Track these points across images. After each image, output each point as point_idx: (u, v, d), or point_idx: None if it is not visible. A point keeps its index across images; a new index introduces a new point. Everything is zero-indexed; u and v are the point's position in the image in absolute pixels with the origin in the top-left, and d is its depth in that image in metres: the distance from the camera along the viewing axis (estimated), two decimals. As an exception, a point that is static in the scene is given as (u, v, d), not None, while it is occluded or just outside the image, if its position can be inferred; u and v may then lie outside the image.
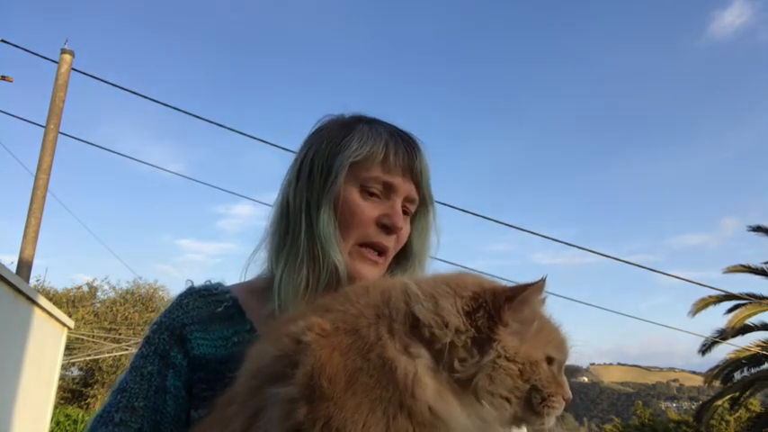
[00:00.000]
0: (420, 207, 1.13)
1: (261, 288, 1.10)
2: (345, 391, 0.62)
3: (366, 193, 1.05)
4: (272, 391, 0.66)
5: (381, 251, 1.06)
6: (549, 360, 0.75)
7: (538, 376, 0.72)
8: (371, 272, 1.05)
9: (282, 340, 0.71)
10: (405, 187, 1.06)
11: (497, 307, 0.71)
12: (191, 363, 1.01)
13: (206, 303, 1.07)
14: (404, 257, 1.13)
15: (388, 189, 1.06)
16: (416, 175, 1.08)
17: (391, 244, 1.06)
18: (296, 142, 1.17)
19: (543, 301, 0.81)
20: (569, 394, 0.75)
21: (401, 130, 1.12)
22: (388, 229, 1.04)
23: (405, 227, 1.08)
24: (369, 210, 1.04)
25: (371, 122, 1.11)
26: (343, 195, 1.04)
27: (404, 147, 1.07)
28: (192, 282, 1.12)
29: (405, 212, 1.09)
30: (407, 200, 1.08)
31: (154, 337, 1.03)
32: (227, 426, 0.73)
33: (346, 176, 1.05)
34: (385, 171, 1.05)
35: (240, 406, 0.72)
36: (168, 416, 0.98)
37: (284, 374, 0.66)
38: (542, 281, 0.74)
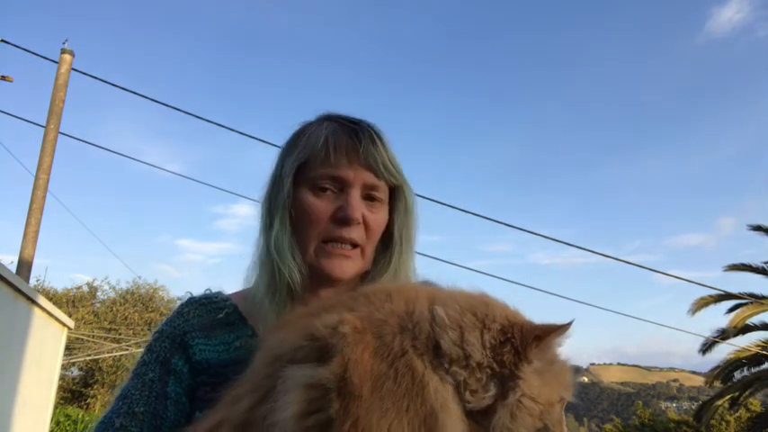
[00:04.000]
0: (395, 191, 1.12)
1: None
2: (372, 394, 0.63)
3: (318, 189, 1.05)
4: (293, 372, 0.66)
5: (351, 244, 1.05)
6: (562, 401, 0.76)
7: (551, 417, 0.73)
8: (342, 266, 1.05)
9: (314, 327, 0.71)
10: (358, 176, 1.05)
11: (525, 344, 0.71)
12: (193, 368, 1.04)
13: (207, 311, 1.10)
14: (389, 243, 1.13)
15: (339, 182, 1.05)
16: (366, 161, 1.05)
17: (357, 235, 1.05)
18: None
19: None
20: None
21: (348, 121, 1.10)
22: (343, 221, 1.03)
23: (375, 215, 1.08)
24: (322, 206, 1.04)
25: (323, 121, 1.12)
26: (297, 199, 1.06)
27: (346, 137, 1.06)
28: (191, 292, 1.15)
29: (374, 199, 1.08)
30: (368, 187, 1.06)
31: (155, 345, 1.06)
32: (235, 404, 0.73)
33: (297, 180, 1.06)
34: (328, 165, 1.04)
35: (252, 386, 0.73)
36: (168, 421, 1.00)
37: (310, 359, 0.67)
38: (569, 324, 0.74)
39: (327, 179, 1.05)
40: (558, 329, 0.74)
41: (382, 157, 1.07)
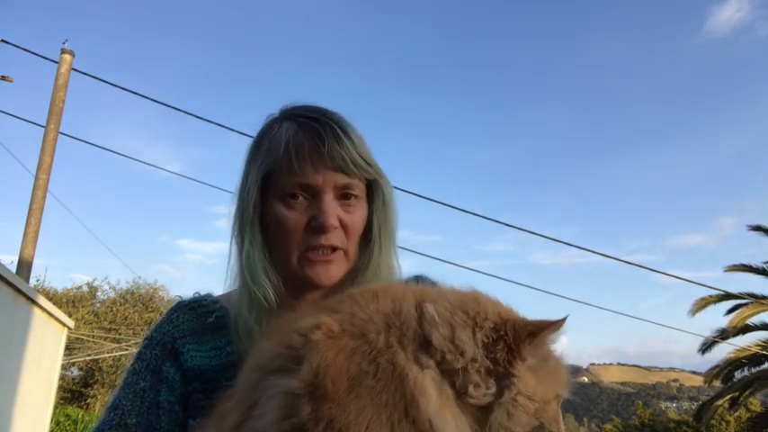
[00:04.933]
0: (371, 184, 1.07)
1: None
2: (348, 394, 0.62)
3: (289, 199, 1.00)
4: (273, 381, 0.66)
5: (332, 249, 1.02)
6: (558, 398, 0.75)
7: (546, 415, 0.72)
8: (326, 271, 1.01)
9: (290, 335, 0.70)
10: (326, 179, 0.99)
11: (518, 341, 0.70)
12: (185, 375, 1.01)
13: (196, 315, 1.07)
14: (369, 239, 1.08)
15: (308, 189, 1.00)
16: (334, 162, 0.99)
17: (336, 240, 1.01)
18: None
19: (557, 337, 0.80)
20: (563, 430, 0.76)
21: (309, 117, 1.03)
22: (319, 230, 0.99)
23: (351, 216, 1.03)
24: (295, 218, 1.00)
25: (284, 120, 1.05)
26: (269, 212, 1.02)
27: (308, 140, 0.99)
28: (180, 296, 1.12)
29: (349, 197, 1.03)
30: (341, 188, 1.01)
31: (145, 353, 1.03)
32: (223, 419, 0.73)
33: (264, 190, 1.02)
34: (294, 174, 0.99)
35: (239, 399, 0.73)
36: (162, 431, 0.97)
37: (287, 368, 0.66)
38: (563, 320, 0.73)
39: (296, 187, 1.00)
40: (552, 325, 0.72)
41: (350, 155, 1.00)
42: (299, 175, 0.99)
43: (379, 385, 0.63)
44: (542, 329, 0.71)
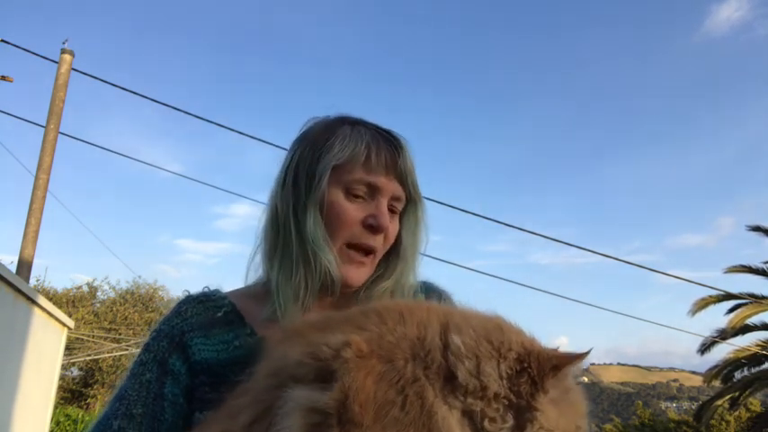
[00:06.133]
0: (408, 204, 1.13)
1: (258, 294, 1.10)
2: (375, 422, 0.60)
3: (351, 195, 1.05)
4: (294, 392, 0.65)
5: (368, 251, 1.06)
6: (578, 430, 0.74)
7: None
8: (358, 273, 1.06)
9: (318, 346, 0.69)
10: (389, 186, 1.06)
11: (542, 374, 0.69)
12: (192, 368, 1.02)
13: (205, 309, 1.07)
14: (394, 254, 1.12)
15: (373, 189, 1.05)
16: (401, 174, 1.07)
17: (378, 244, 1.06)
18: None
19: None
20: None
21: (384, 130, 1.11)
22: (374, 229, 1.04)
23: (392, 225, 1.08)
24: (354, 211, 1.04)
25: (354, 124, 1.11)
26: (328, 198, 1.04)
27: (386, 146, 1.07)
28: (188, 291, 1.12)
29: (392, 211, 1.09)
30: (394, 198, 1.08)
31: (153, 345, 1.03)
32: (235, 416, 0.72)
33: (330, 179, 1.05)
34: (367, 172, 1.04)
35: (252, 399, 0.71)
36: (166, 423, 0.98)
37: (311, 379, 0.65)
38: (587, 353, 0.72)
39: (363, 185, 1.05)
40: (576, 358, 0.71)
41: (411, 173, 1.09)
42: (371, 174, 1.05)
43: (407, 419, 0.62)
44: (566, 362, 0.70)
